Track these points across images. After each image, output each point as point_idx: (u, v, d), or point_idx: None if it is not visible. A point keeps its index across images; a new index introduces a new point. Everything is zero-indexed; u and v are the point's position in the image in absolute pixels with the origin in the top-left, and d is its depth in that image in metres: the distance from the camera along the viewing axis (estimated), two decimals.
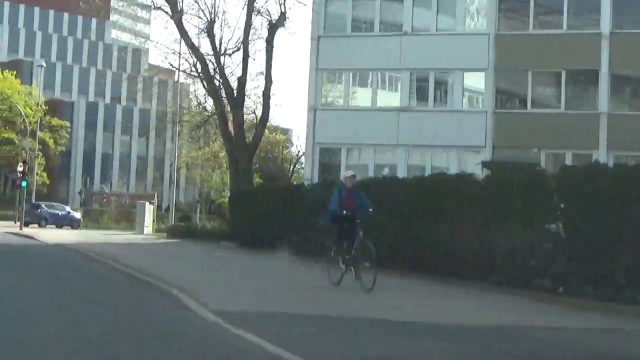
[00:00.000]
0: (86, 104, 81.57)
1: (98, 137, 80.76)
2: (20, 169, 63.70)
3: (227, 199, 36.17)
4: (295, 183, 22.55)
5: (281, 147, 59.23)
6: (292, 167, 43.72)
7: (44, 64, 71.42)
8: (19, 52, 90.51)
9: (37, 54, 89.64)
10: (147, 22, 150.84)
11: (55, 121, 74.35)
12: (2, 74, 74.54)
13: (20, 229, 44.73)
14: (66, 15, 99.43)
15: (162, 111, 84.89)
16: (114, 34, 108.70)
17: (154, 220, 41.62)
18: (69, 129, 76.51)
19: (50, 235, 36.91)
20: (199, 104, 34.20)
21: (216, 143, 56.17)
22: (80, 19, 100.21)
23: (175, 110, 74.59)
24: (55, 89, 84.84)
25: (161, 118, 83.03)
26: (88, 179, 56.34)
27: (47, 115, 72.97)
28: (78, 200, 78.42)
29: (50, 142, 73.51)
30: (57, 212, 54.89)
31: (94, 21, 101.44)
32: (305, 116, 33.51)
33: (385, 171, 30.39)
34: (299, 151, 43.73)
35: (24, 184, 45.13)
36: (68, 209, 57.12)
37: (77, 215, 56.48)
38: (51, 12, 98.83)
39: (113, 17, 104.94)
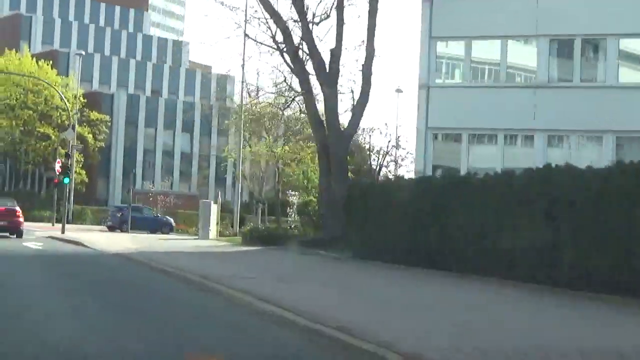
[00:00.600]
0: (127, 97, 75.69)
1: (140, 131, 74.90)
2: (59, 164, 58.46)
3: (317, 198, 29.99)
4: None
5: (369, 135, 52.82)
6: (381, 158, 37.13)
7: (83, 52, 65.91)
8: (53, 43, 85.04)
9: (73, 45, 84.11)
10: (182, 18, 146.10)
11: (95, 115, 68.77)
12: (37, 63, 69.09)
13: (62, 232, 39.05)
14: (103, 6, 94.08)
15: (206, 104, 79.25)
16: (152, 29, 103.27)
17: (218, 223, 35.43)
18: (109, 123, 70.86)
19: (100, 240, 31.01)
20: (284, 80, 27.86)
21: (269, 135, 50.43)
22: (117, 9, 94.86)
23: (219, 104, 69.07)
24: (93, 82, 79.24)
25: (206, 111, 77.37)
26: (136, 175, 50.20)
27: (85, 108, 67.36)
28: (119, 200, 72.89)
29: (89, 137, 67.93)
30: (143, 215, 47.91)
31: (131, 12, 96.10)
32: (415, 95, 27.29)
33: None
34: (389, 141, 37.25)
35: (66, 180, 39.29)
36: (155, 212, 50.69)
37: (169, 219, 49.99)
38: (87, 2, 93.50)
39: (150, 12, 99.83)
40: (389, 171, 43.14)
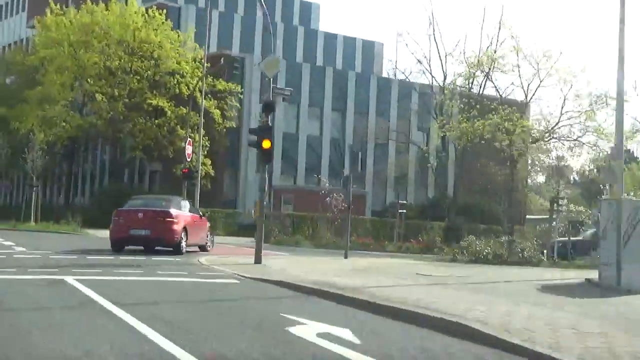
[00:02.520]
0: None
1: (278, 109, 55.95)
2: (190, 146, 40.02)
3: None
4: None
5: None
6: None
7: None
8: None
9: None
10: None
11: (222, 84, 50.10)
12: (147, 13, 50.82)
13: (257, 261, 20.41)
14: None
15: (361, 74, 60.44)
16: None
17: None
18: (240, 96, 52.22)
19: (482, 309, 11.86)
20: None
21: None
22: None
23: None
24: (210, 44, 60.61)
25: (360, 83, 58.54)
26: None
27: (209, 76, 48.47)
28: (252, 201, 54.18)
29: (216, 113, 49.41)
30: None
31: None
32: None
33: None
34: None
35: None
36: None
37: None
38: None
39: None
40: None
